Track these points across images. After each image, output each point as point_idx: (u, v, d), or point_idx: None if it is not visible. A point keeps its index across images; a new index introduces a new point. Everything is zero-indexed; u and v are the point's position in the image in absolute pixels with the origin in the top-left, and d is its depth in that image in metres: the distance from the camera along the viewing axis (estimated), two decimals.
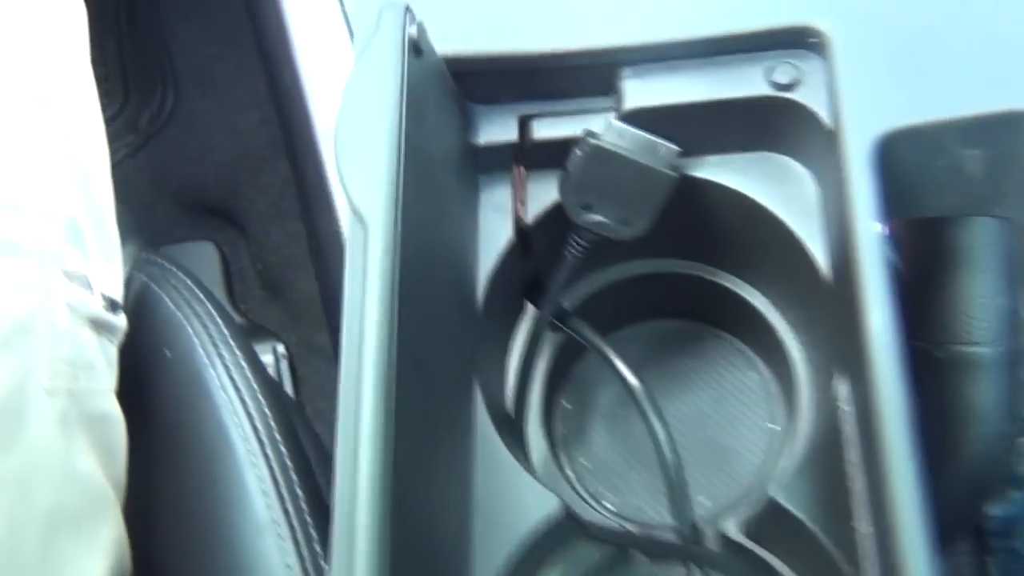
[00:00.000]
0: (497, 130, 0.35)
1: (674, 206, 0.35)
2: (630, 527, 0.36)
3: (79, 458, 0.39)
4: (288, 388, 0.84)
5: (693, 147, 0.35)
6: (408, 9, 0.30)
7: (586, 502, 0.37)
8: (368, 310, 0.26)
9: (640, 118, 0.34)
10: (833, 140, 0.31)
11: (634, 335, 0.42)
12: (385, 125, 0.28)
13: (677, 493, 0.34)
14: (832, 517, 0.30)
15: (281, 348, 0.84)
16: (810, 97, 0.33)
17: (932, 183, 0.33)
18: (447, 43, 0.33)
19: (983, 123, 0.31)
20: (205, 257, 0.88)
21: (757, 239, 0.36)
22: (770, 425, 0.39)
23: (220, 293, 0.87)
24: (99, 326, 0.42)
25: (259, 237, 0.92)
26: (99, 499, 0.41)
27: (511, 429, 0.37)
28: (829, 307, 0.33)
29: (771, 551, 0.33)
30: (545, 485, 0.32)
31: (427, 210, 0.31)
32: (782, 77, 0.33)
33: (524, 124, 0.35)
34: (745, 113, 0.34)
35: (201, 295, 0.49)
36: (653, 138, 0.34)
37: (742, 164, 0.35)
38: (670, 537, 0.35)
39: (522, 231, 0.36)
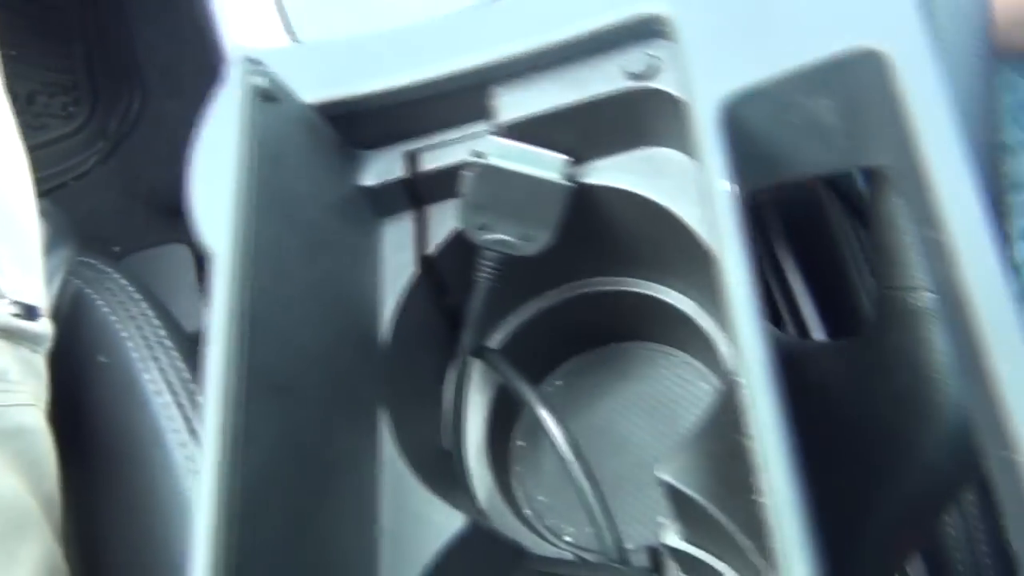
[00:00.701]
0: (387, 169, 0.36)
1: (581, 219, 0.34)
2: (568, 556, 0.35)
3: None
4: None
5: (581, 154, 0.35)
6: (253, 61, 0.32)
7: (542, 536, 0.37)
8: (212, 337, 0.27)
9: (521, 131, 0.34)
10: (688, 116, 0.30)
11: (583, 366, 0.42)
12: (232, 167, 0.29)
13: (595, 516, 0.34)
14: (728, 490, 0.28)
15: None
16: (669, 82, 0.32)
17: (791, 141, 0.31)
18: (326, 90, 0.34)
19: (820, 69, 0.29)
20: (178, 260, 0.85)
21: (660, 238, 0.35)
22: None
23: (195, 295, 0.85)
24: (11, 335, 0.40)
25: None
26: (21, 517, 0.38)
27: (446, 466, 0.37)
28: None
29: (704, 548, 0.30)
30: (454, 507, 0.31)
31: (292, 249, 0.31)
32: (636, 67, 0.33)
33: (411, 158, 0.36)
34: (614, 110, 0.33)
35: (138, 295, 0.47)
36: (538, 149, 0.34)
37: (629, 163, 0.35)
38: (603, 561, 0.34)
39: (426, 262, 0.36)
